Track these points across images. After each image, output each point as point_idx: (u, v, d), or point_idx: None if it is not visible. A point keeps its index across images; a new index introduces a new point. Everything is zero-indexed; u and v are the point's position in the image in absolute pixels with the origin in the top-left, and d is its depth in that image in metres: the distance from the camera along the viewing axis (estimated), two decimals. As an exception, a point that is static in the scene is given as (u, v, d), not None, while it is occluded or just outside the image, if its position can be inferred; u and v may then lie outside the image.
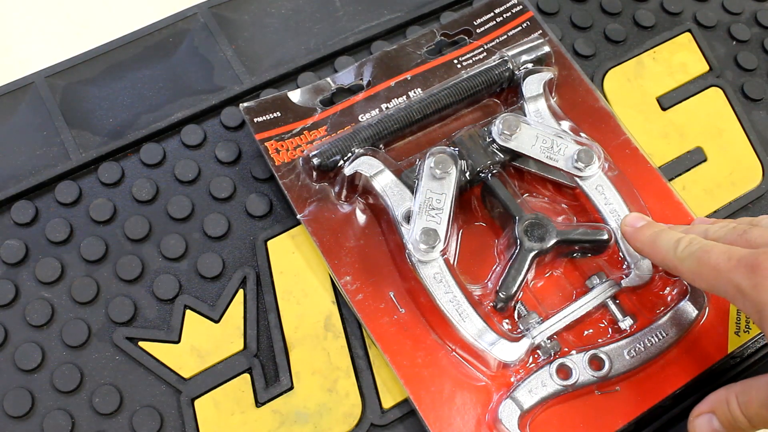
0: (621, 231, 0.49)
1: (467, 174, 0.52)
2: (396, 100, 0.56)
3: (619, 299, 0.50)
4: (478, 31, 0.59)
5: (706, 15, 0.64)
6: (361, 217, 0.53)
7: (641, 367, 0.48)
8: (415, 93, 0.56)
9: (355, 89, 0.57)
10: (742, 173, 0.58)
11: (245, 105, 0.55)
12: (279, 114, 0.55)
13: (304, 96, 0.56)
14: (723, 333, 0.50)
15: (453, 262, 0.51)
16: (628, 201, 0.51)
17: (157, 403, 0.48)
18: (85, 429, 0.47)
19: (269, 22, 0.62)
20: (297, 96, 0.56)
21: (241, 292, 0.52)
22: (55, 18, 0.76)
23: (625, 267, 0.50)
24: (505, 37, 0.59)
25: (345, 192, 0.53)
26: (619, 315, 0.49)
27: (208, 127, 0.57)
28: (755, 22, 0.64)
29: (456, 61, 0.58)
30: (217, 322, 0.51)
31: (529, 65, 0.56)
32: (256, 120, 0.54)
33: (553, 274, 0.52)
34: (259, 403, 0.49)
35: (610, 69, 0.61)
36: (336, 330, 0.51)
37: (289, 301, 0.51)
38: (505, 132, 0.52)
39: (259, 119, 0.54)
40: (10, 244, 0.52)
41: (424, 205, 0.50)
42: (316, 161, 0.52)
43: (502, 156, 0.52)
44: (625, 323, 0.49)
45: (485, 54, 0.58)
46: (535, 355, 0.48)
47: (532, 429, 0.47)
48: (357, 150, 0.52)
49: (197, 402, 0.48)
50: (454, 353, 0.49)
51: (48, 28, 0.76)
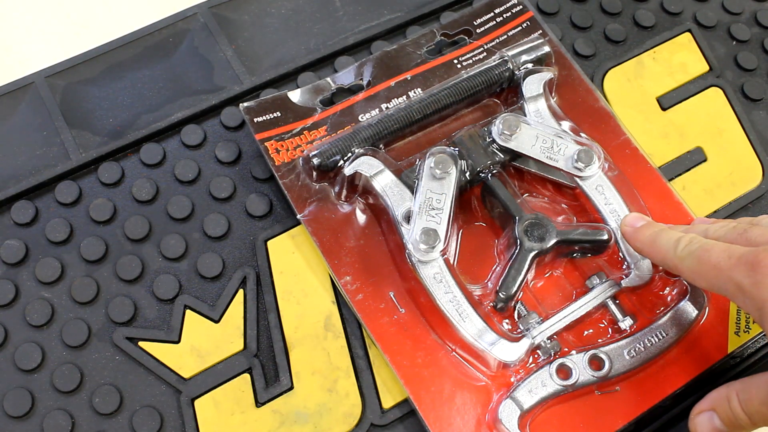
0: (621, 231, 0.49)
1: (467, 174, 0.52)
2: (396, 100, 0.56)
3: (619, 299, 0.50)
4: (478, 31, 0.59)
5: (706, 15, 0.64)
6: (361, 217, 0.53)
7: (641, 367, 0.48)
8: (415, 93, 0.56)
9: (355, 89, 0.57)
10: (742, 173, 0.58)
11: (245, 105, 0.55)
12: (279, 114, 0.55)
13: (304, 96, 0.56)
14: (723, 333, 0.50)
15: (453, 262, 0.51)
16: (628, 201, 0.51)
17: (157, 403, 0.48)
18: (85, 429, 0.47)
19: (269, 22, 0.62)
20: (297, 96, 0.56)
21: (241, 292, 0.52)
22: (55, 18, 0.76)
23: (625, 267, 0.50)
24: (505, 37, 0.59)
25: (345, 192, 0.53)
26: (619, 315, 0.49)
27: (208, 127, 0.57)
28: (755, 22, 0.64)
29: (456, 61, 0.58)
30: (217, 322, 0.51)
31: (529, 65, 0.56)
32: (256, 120, 0.54)
33: (553, 274, 0.52)
34: (259, 403, 0.49)
35: (610, 69, 0.61)
36: (336, 330, 0.51)
37: (289, 301, 0.51)
38: (505, 132, 0.52)
39: (259, 119, 0.54)
40: (10, 244, 0.52)
41: (424, 205, 0.50)
42: (316, 161, 0.52)
43: (502, 156, 0.52)
44: (625, 323, 0.49)
45: (485, 54, 0.58)
46: (535, 355, 0.48)
47: (532, 429, 0.47)
48: (357, 150, 0.52)
49: (197, 402, 0.48)
50: (454, 353, 0.49)
51: (48, 28, 0.76)
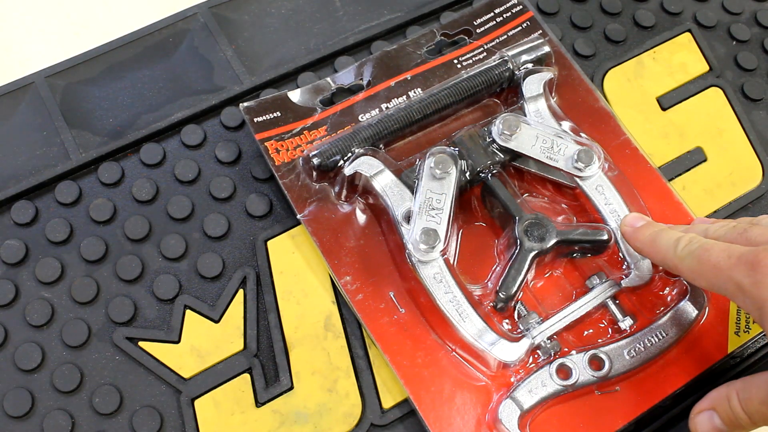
0: (620, 231, 0.49)
1: (467, 174, 0.52)
2: (396, 100, 0.56)
3: (619, 299, 0.50)
4: (478, 31, 0.59)
5: (706, 15, 0.64)
6: (361, 217, 0.53)
7: (641, 367, 0.48)
8: (415, 93, 0.56)
9: (355, 89, 0.57)
10: (742, 173, 0.58)
11: (245, 105, 0.55)
12: (279, 114, 0.55)
13: (304, 96, 0.56)
14: (723, 333, 0.50)
15: (453, 262, 0.51)
16: (628, 201, 0.51)
17: (157, 403, 0.48)
18: (85, 429, 0.47)
19: (269, 22, 0.62)
20: (297, 96, 0.56)
21: (241, 292, 0.52)
22: (55, 18, 0.76)
23: (625, 267, 0.50)
24: (505, 37, 0.59)
25: (345, 192, 0.53)
26: (619, 315, 0.49)
27: (208, 127, 0.57)
28: (755, 22, 0.64)
29: (456, 61, 0.58)
30: (217, 322, 0.51)
31: (529, 65, 0.56)
32: (256, 120, 0.54)
33: (553, 274, 0.52)
34: (259, 403, 0.49)
35: (610, 69, 0.61)
36: (336, 330, 0.51)
37: (289, 301, 0.51)
38: (505, 132, 0.52)
39: (259, 119, 0.54)
40: (10, 244, 0.52)
41: (424, 205, 0.50)
42: (316, 161, 0.52)
43: (502, 156, 0.52)
44: (625, 323, 0.49)
45: (485, 54, 0.58)
46: (535, 355, 0.48)
47: (532, 429, 0.47)
48: (357, 150, 0.52)
49: (197, 402, 0.48)
50: (454, 353, 0.49)
51: (48, 28, 0.76)
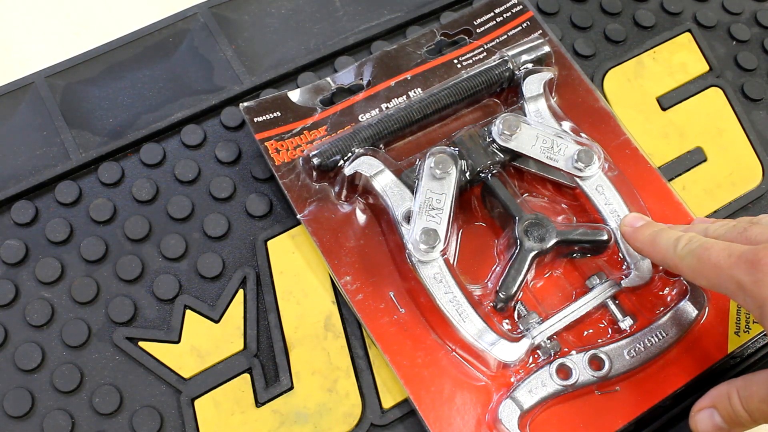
0: (620, 231, 0.49)
1: (467, 174, 0.52)
2: (396, 99, 0.56)
3: (619, 299, 0.50)
4: (478, 31, 0.59)
5: (706, 15, 0.64)
6: (361, 217, 0.53)
7: (641, 367, 0.48)
8: (415, 93, 0.56)
9: (355, 89, 0.57)
10: (742, 173, 0.58)
11: (245, 105, 0.55)
12: (279, 114, 0.55)
13: (304, 96, 0.56)
14: (723, 333, 0.50)
15: (453, 262, 0.51)
16: (628, 201, 0.51)
17: (157, 403, 0.48)
18: (85, 429, 0.47)
19: (269, 22, 0.62)
20: (297, 96, 0.56)
21: (241, 292, 0.52)
22: (55, 18, 0.76)
23: (625, 267, 0.50)
24: (505, 37, 0.59)
25: (345, 192, 0.53)
26: (619, 315, 0.49)
27: (208, 127, 0.57)
28: (755, 22, 0.64)
29: (456, 61, 0.58)
30: (217, 322, 0.51)
31: (529, 65, 0.56)
32: (256, 120, 0.54)
33: (553, 274, 0.52)
34: (259, 403, 0.49)
35: (610, 69, 0.61)
36: (336, 330, 0.51)
37: (289, 301, 0.51)
38: (505, 132, 0.52)
39: (259, 119, 0.54)
40: (10, 244, 0.52)
41: (424, 205, 0.50)
42: (316, 161, 0.52)
43: (502, 156, 0.52)
44: (625, 323, 0.49)
45: (485, 54, 0.58)
46: (535, 355, 0.48)
47: (532, 429, 0.47)
48: (357, 150, 0.52)
49: (197, 402, 0.48)
50: (454, 353, 0.49)
51: (48, 28, 0.75)
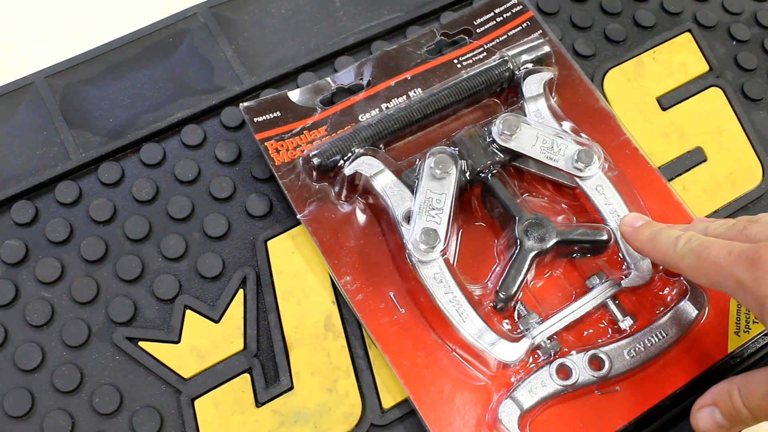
0: (620, 231, 0.49)
1: (467, 174, 0.52)
2: (396, 99, 0.56)
3: (619, 299, 0.50)
4: (478, 31, 0.59)
5: (706, 15, 0.64)
6: (361, 217, 0.53)
7: (641, 367, 0.48)
8: (415, 93, 0.56)
9: (355, 89, 0.57)
10: (742, 173, 0.58)
11: (245, 105, 0.55)
12: (279, 114, 0.55)
13: (304, 96, 0.56)
14: (723, 333, 0.50)
15: (453, 262, 0.51)
16: (628, 201, 0.51)
17: (157, 403, 0.48)
18: (85, 429, 0.47)
19: (269, 22, 0.62)
20: (297, 96, 0.56)
21: (241, 292, 0.52)
22: (55, 18, 0.76)
23: (625, 267, 0.50)
24: (505, 37, 0.59)
25: (345, 192, 0.53)
26: (619, 315, 0.49)
27: (208, 127, 0.57)
28: (755, 22, 0.64)
29: (456, 61, 0.58)
30: (217, 322, 0.51)
31: (529, 65, 0.56)
32: (256, 120, 0.54)
33: (553, 274, 0.52)
34: (259, 403, 0.49)
35: (610, 69, 0.61)
36: (336, 330, 0.51)
37: (289, 301, 0.51)
38: (505, 132, 0.52)
39: (259, 119, 0.54)
40: (10, 244, 0.52)
41: (424, 205, 0.50)
42: (316, 161, 0.52)
43: (502, 156, 0.52)
44: (625, 323, 0.49)
45: (485, 54, 0.58)
46: (535, 355, 0.48)
47: (532, 429, 0.47)
48: (357, 150, 0.52)
49: (197, 402, 0.48)
50: (454, 353, 0.49)
51: (48, 28, 0.75)
